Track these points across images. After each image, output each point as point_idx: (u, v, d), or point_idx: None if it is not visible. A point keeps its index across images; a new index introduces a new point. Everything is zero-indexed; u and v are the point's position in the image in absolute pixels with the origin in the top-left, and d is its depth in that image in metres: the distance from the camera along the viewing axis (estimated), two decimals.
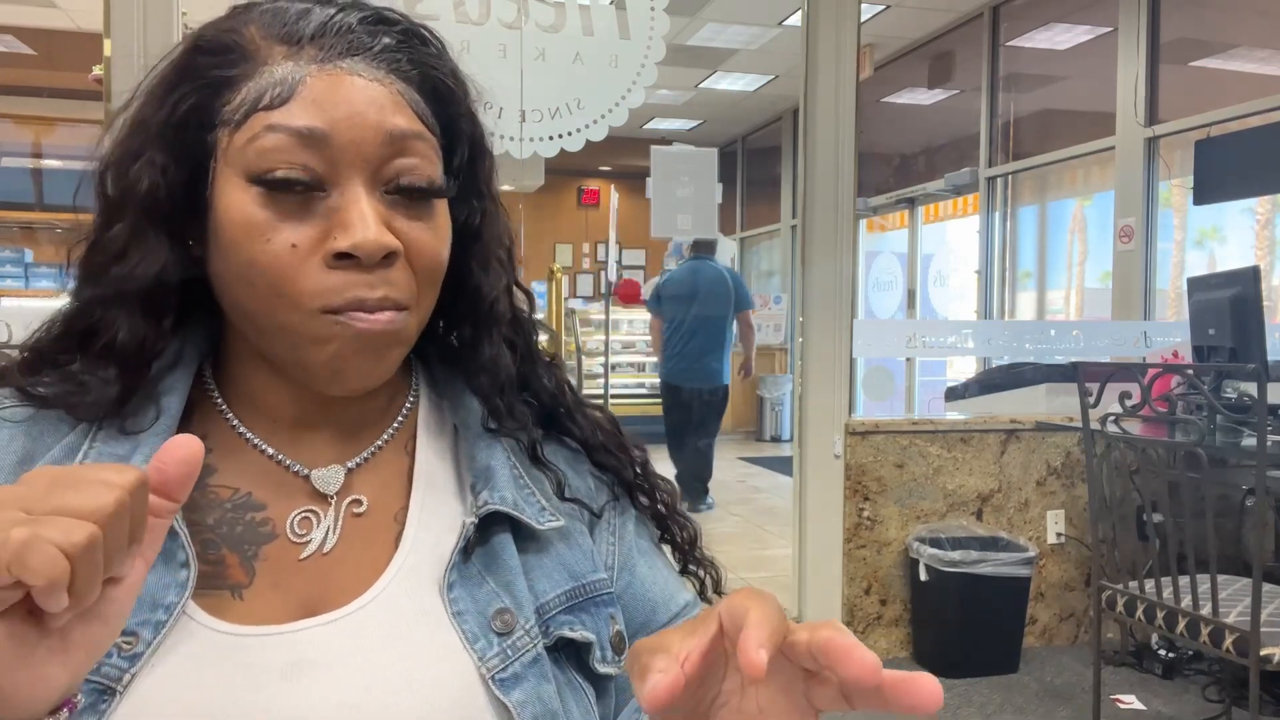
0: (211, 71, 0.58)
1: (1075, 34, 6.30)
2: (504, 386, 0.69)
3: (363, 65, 0.58)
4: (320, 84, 0.57)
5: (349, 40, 0.58)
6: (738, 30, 7.36)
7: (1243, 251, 5.47)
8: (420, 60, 0.61)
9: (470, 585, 0.63)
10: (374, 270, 0.57)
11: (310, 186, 0.57)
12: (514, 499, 0.65)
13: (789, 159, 9.54)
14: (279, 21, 0.59)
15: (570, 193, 11.39)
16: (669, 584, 0.73)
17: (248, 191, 0.57)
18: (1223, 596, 2.29)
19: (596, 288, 11.10)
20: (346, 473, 0.65)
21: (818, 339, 3.51)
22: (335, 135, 0.56)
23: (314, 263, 0.57)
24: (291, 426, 0.65)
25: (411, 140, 0.59)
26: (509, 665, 0.60)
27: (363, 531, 0.64)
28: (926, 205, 7.94)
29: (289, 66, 0.57)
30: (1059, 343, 3.97)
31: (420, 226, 0.60)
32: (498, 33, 2.96)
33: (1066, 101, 6.83)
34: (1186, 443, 2.46)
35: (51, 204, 5.69)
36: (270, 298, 0.58)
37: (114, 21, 2.76)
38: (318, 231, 0.57)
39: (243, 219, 0.57)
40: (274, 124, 0.56)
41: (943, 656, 3.35)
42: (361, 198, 0.57)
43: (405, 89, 0.60)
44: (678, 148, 3.66)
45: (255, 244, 0.57)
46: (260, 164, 0.56)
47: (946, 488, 3.54)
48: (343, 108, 0.57)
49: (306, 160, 0.56)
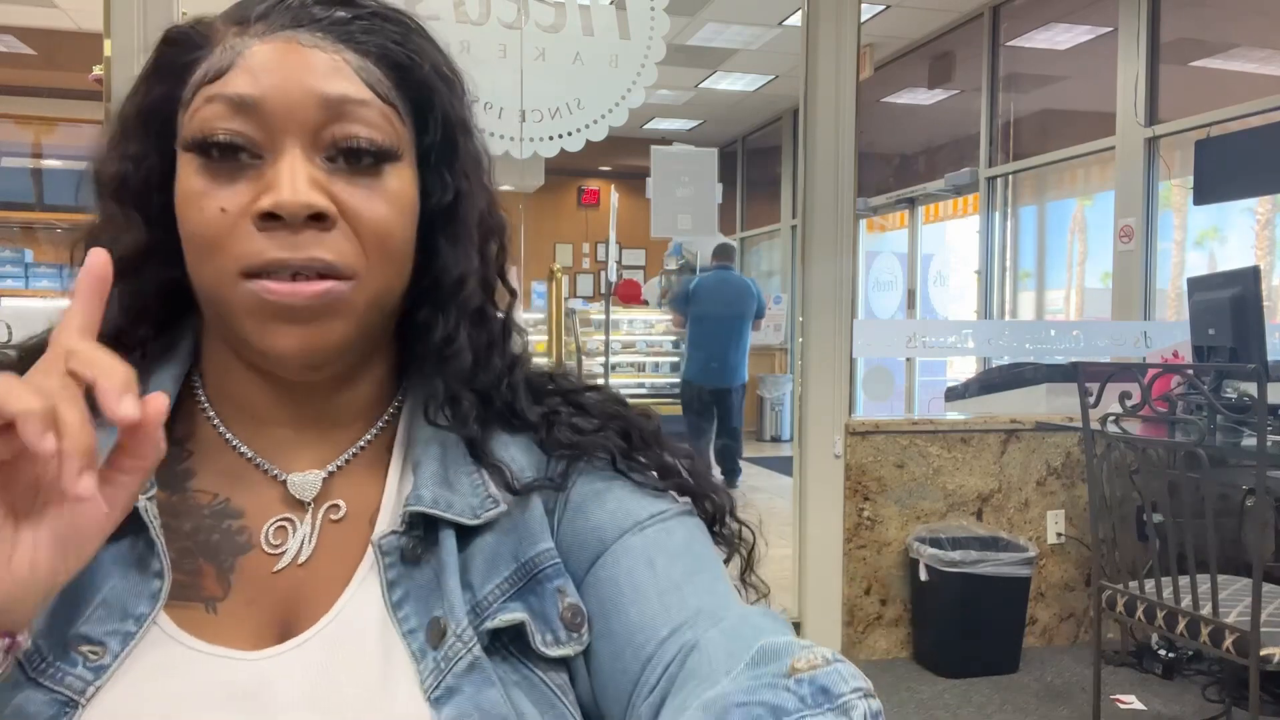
0: (176, 60, 0.60)
1: (1075, 34, 6.30)
2: (455, 375, 0.64)
3: (305, 34, 0.58)
4: (258, 53, 0.57)
5: (295, 14, 0.58)
6: (738, 30, 7.36)
7: (1243, 251, 5.47)
8: (379, 33, 0.60)
9: (422, 594, 0.60)
10: (301, 231, 0.55)
11: (243, 150, 0.56)
12: (434, 496, 0.61)
13: (789, 159, 9.54)
14: (241, 8, 0.60)
15: (570, 193, 11.39)
16: (629, 502, 0.65)
17: (189, 161, 0.57)
18: (1223, 596, 2.28)
19: (596, 288, 11.10)
20: (325, 478, 0.63)
21: (818, 339, 3.51)
22: (267, 100, 0.56)
23: (243, 226, 0.56)
24: (271, 425, 0.63)
25: (353, 105, 0.57)
26: (441, 680, 0.57)
27: (338, 539, 0.62)
28: (926, 205, 7.94)
29: (234, 42, 0.58)
30: (1059, 343, 3.97)
31: (364, 193, 0.58)
32: (498, 33, 2.96)
33: (1066, 101, 6.83)
34: (1186, 443, 2.46)
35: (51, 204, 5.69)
36: (203, 263, 0.57)
37: (114, 21, 2.77)
38: (249, 195, 0.56)
39: (184, 188, 0.57)
40: (211, 94, 0.56)
41: (943, 656, 3.35)
42: (295, 158, 0.56)
43: (355, 58, 0.58)
44: (678, 148, 3.66)
45: (192, 211, 0.57)
46: (199, 132, 0.56)
47: (946, 488, 3.54)
48: (277, 74, 0.56)
49: (240, 127, 0.56)
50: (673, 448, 0.69)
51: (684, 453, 0.69)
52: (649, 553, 0.62)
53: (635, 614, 0.59)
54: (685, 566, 0.61)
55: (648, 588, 0.60)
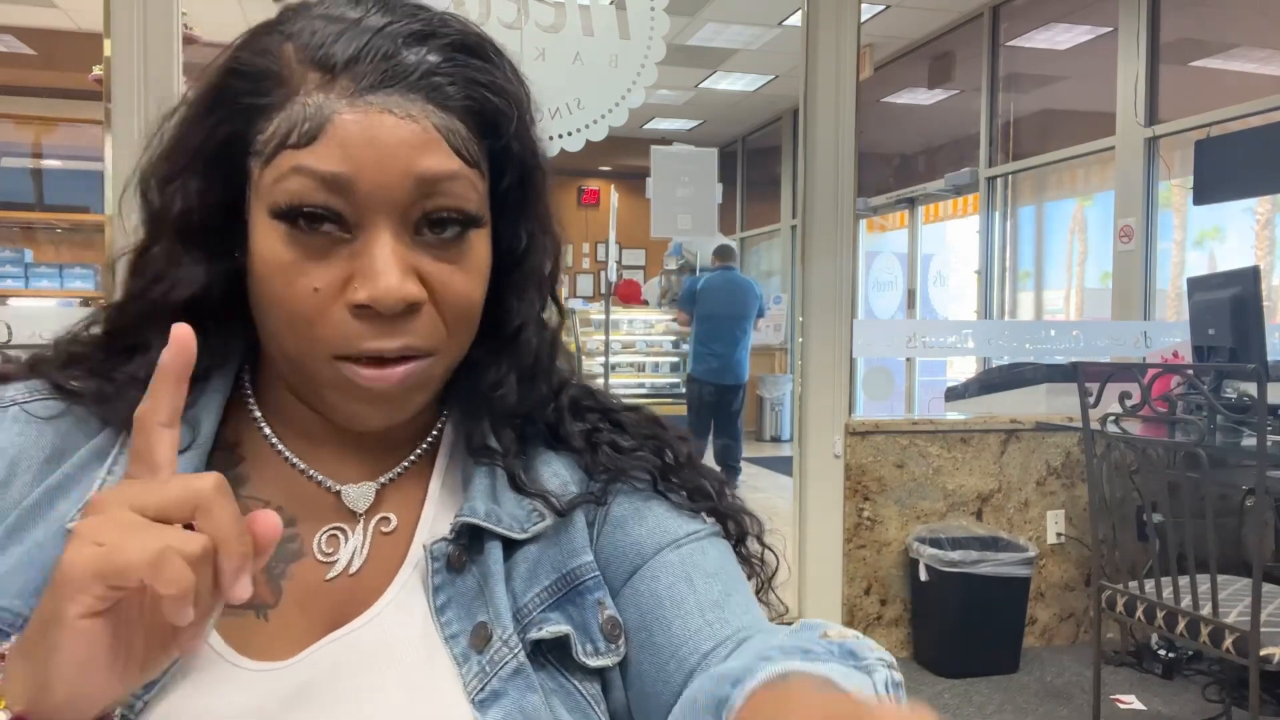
0: (245, 99, 0.56)
1: (1075, 34, 6.30)
2: (501, 412, 0.66)
3: (396, 99, 0.54)
4: (348, 123, 0.54)
5: (384, 69, 0.55)
6: (738, 30, 7.36)
7: (1243, 251, 5.47)
8: (466, 79, 0.57)
9: (465, 601, 0.61)
10: (395, 320, 0.56)
11: (333, 224, 0.55)
12: (486, 510, 0.63)
13: (789, 159, 9.54)
14: (317, 42, 0.56)
15: (570, 193, 11.39)
16: (665, 521, 0.67)
17: (275, 228, 0.55)
18: (1223, 596, 2.28)
19: (596, 288, 11.10)
20: (377, 490, 0.64)
21: (818, 339, 3.51)
22: (361, 180, 0.54)
23: (336, 308, 0.55)
24: (323, 442, 0.64)
25: (444, 181, 0.56)
26: (487, 683, 0.58)
27: (389, 551, 0.63)
28: (926, 205, 7.94)
29: (319, 99, 0.54)
30: (1059, 343, 3.97)
31: (450, 269, 0.57)
32: (498, 33, 2.93)
33: (1066, 101, 6.83)
34: (1186, 443, 2.46)
35: (51, 204, 5.69)
36: (290, 335, 0.57)
37: (114, 21, 2.76)
38: (341, 276, 0.55)
39: (270, 255, 0.56)
40: (299, 165, 0.54)
41: (943, 656, 3.35)
42: (386, 244, 0.55)
43: (444, 119, 0.56)
44: (678, 148, 3.66)
45: (279, 282, 0.56)
46: (284, 202, 0.55)
47: (946, 488, 3.54)
48: (369, 151, 0.54)
49: (331, 202, 0.54)
50: (705, 470, 0.71)
51: (716, 476, 0.71)
52: (687, 569, 0.64)
53: (679, 628, 0.61)
54: (723, 586, 0.63)
55: (689, 603, 0.62)
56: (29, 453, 0.59)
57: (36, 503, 0.57)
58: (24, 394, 0.61)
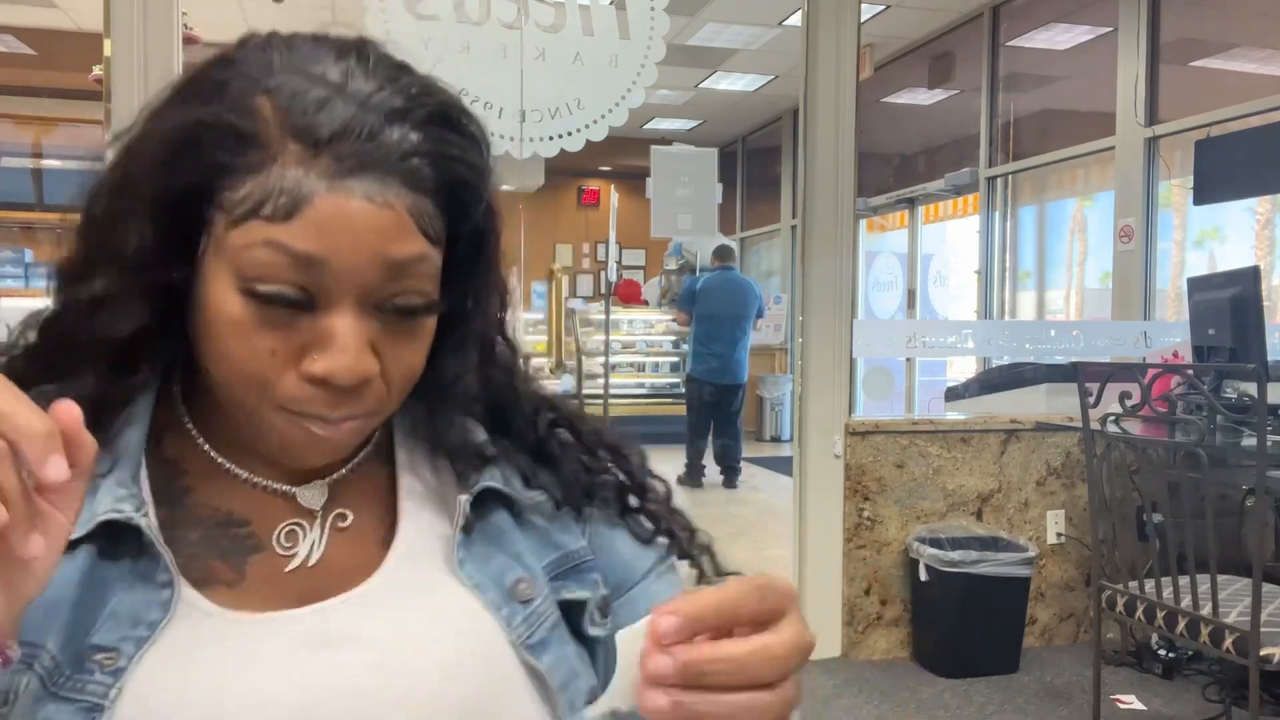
0: (217, 153, 0.56)
1: (1075, 34, 6.30)
2: (461, 448, 0.69)
3: (375, 186, 0.55)
4: (327, 205, 0.54)
5: (365, 150, 0.55)
6: (738, 30, 7.36)
7: (1243, 251, 5.47)
8: (441, 156, 0.58)
9: (478, 561, 0.65)
10: (346, 392, 0.58)
11: (299, 305, 0.56)
12: (500, 476, 0.68)
13: (789, 159, 9.54)
14: (299, 107, 0.55)
15: (570, 193, 11.39)
16: (640, 542, 0.74)
17: (236, 293, 0.56)
18: (1223, 596, 2.28)
19: (596, 288, 11.10)
20: (329, 487, 0.66)
21: (818, 339, 3.51)
22: (333, 261, 0.55)
23: (290, 373, 0.57)
24: (249, 447, 0.64)
25: (411, 264, 0.57)
26: (534, 631, 0.63)
27: (349, 542, 0.65)
28: (926, 205, 7.94)
29: (298, 175, 0.54)
30: (1059, 343, 3.97)
31: (403, 343, 0.59)
32: (498, 33, 2.96)
33: (1066, 101, 6.83)
34: (1186, 443, 2.46)
35: (51, 204, 5.70)
36: (237, 386, 0.58)
37: (114, 21, 2.76)
38: (299, 344, 0.57)
39: (226, 315, 0.56)
40: (272, 239, 0.54)
41: (943, 656, 3.35)
42: (348, 320, 0.56)
43: (415, 200, 0.57)
44: (678, 148, 3.66)
45: (234, 340, 0.56)
46: (253, 273, 0.55)
47: (946, 488, 3.54)
48: (345, 236, 0.55)
49: (301, 280, 0.55)
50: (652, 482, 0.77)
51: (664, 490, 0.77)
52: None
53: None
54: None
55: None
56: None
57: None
58: None
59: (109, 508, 0.57)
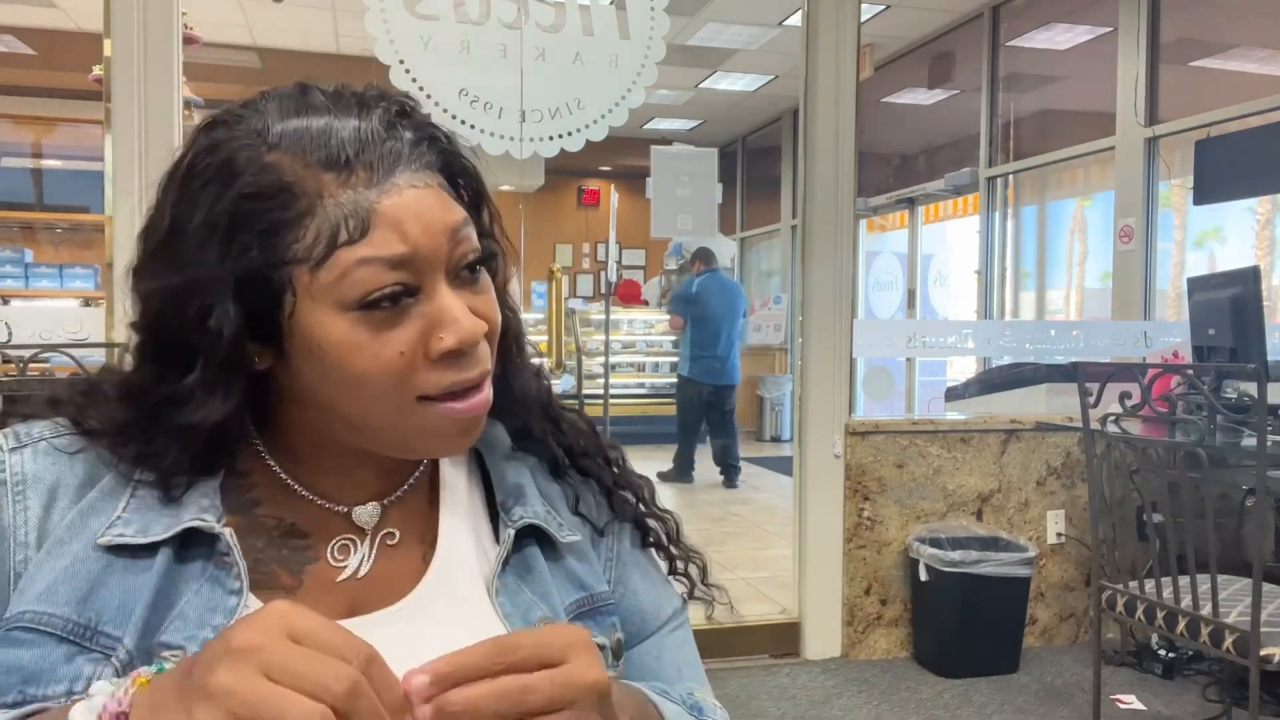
0: (268, 216, 0.60)
1: (1075, 34, 6.30)
2: (531, 410, 0.76)
3: (408, 175, 0.62)
4: (389, 208, 0.60)
5: (384, 152, 0.61)
6: (738, 30, 7.35)
7: (1243, 251, 5.47)
8: (429, 139, 0.65)
9: (509, 593, 0.69)
10: (469, 355, 0.63)
11: (408, 296, 0.61)
12: (543, 514, 0.72)
13: (789, 159, 9.54)
14: (311, 146, 0.61)
15: (570, 193, 11.39)
16: (659, 594, 0.79)
17: (344, 317, 0.60)
18: (1223, 596, 2.28)
19: (596, 288, 11.10)
20: (383, 508, 0.71)
21: (818, 339, 3.51)
22: (418, 249, 0.61)
23: (421, 361, 0.62)
24: (331, 473, 0.70)
25: (464, 228, 0.64)
26: None
27: (394, 558, 0.70)
28: (926, 205, 7.94)
29: (349, 196, 0.60)
30: (1059, 343, 3.97)
31: (482, 299, 0.66)
32: (498, 33, 2.96)
33: (1066, 101, 6.83)
34: (1186, 443, 2.46)
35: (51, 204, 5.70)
36: (375, 400, 0.62)
37: (114, 21, 2.76)
38: (418, 333, 0.62)
39: (346, 342, 0.61)
40: (363, 258, 0.59)
41: (943, 656, 3.35)
42: (448, 294, 0.62)
43: (437, 178, 0.64)
44: (678, 148, 3.66)
45: (362, 360, 0.61)
46: (359, 293, 0.60)
47: (946, 488, 3.54)
48: (416, 225, 0.61)
49: (398, 278, 0.60)
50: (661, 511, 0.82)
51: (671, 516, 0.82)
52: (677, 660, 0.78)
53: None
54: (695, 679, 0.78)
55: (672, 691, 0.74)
56: (65, 480, 0.65)
57: (72, 522, 0.63)
58: (50, 431, 0.67)
59: (194, 516, 0.63)
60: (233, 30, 6.83)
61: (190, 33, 3.40)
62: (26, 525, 0.63)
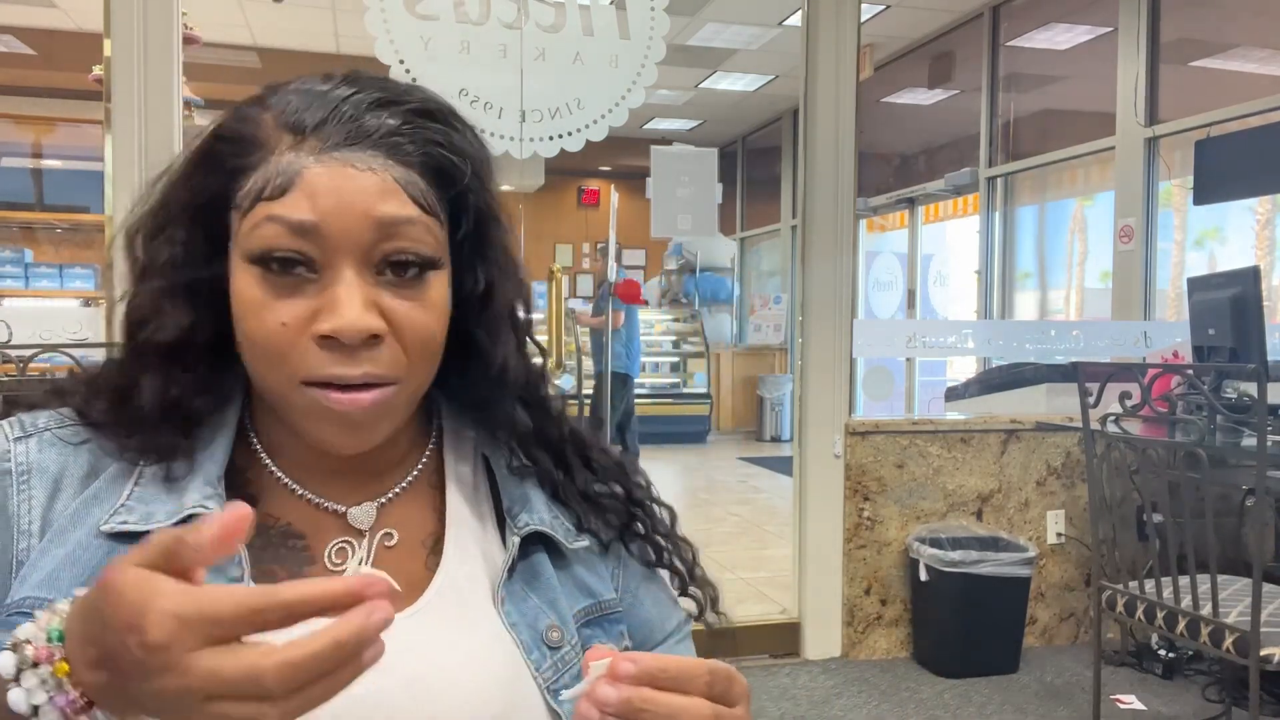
0: (229, 160, 0.63)
1: (1075, 34, 6.30)
2: (523, 439, 0.75)
3: (359, 155, 0.61)
4: (315, 176, 0.60)
5: (348, 129, 0.62)
6: (738, 30, 7.35)
7: (1243, 251, 5.47)
8: (423, 139, 0.64)
9: (516, 600, 0.69)
10: (357, 350, 0.61)
11: (302, 266, 0.61)
12: (549, 521, 0.72)
13: (789, 159, 9.54)
14: (291, 109, 0.63)
15: (570, 193, 11.39)
16: (664, 606, 0.79)
17: (250, 271, 0.61)
18: (1223, 596, 2.28)
19: (596, 288, 11.09)
20: (378, 509, 0.71)
21: (818, 339, 3.51)
22: (325, 225, 0.60)
23: (302, 341, 0.61)
24: (324, 472, 0.69)
25: (402, 225, 0.62)
26: (560, 677, 0.67)
27: (394, 561, 0.69)
28: (926, 205, 7.94)
29: (290, 158, 0.61)
30: (1059, 343, 3.97)
31: (409, 305, 0.63)
32: (498, 33, 2.96)
33: (1066, 101, 6.82)
34: (1186, 443, 2.46)
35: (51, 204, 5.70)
36: (263, 368, 0.63)
37: (114, 21, 2.76)
38: (307, 311, 0.61)
39: (245, 295, 0.62)
40: (272, 215, 0.60)
41: (943, 656, 3.35)
42: (349, 281, 0.61)
43: (402, 173, 0.62)
44: (678, 148, 3.66)
45: (251, 320, 0.62)
46: (256, 246, 0.61)
47: (946, 488, 3.54)
48: (333, 199, 0.60)
49: (300, 247, 0.60)
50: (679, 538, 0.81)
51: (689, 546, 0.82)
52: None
53: None
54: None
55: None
56: (70, 471, 0.66)
57: (75, 511, 0.64)
58: (54, 421, 0.68)
59: (197, 503, 0.64)
60: (233, 30, 6.83)
61: (190, 33, 3.40)
62: (30, 515, 0.64)
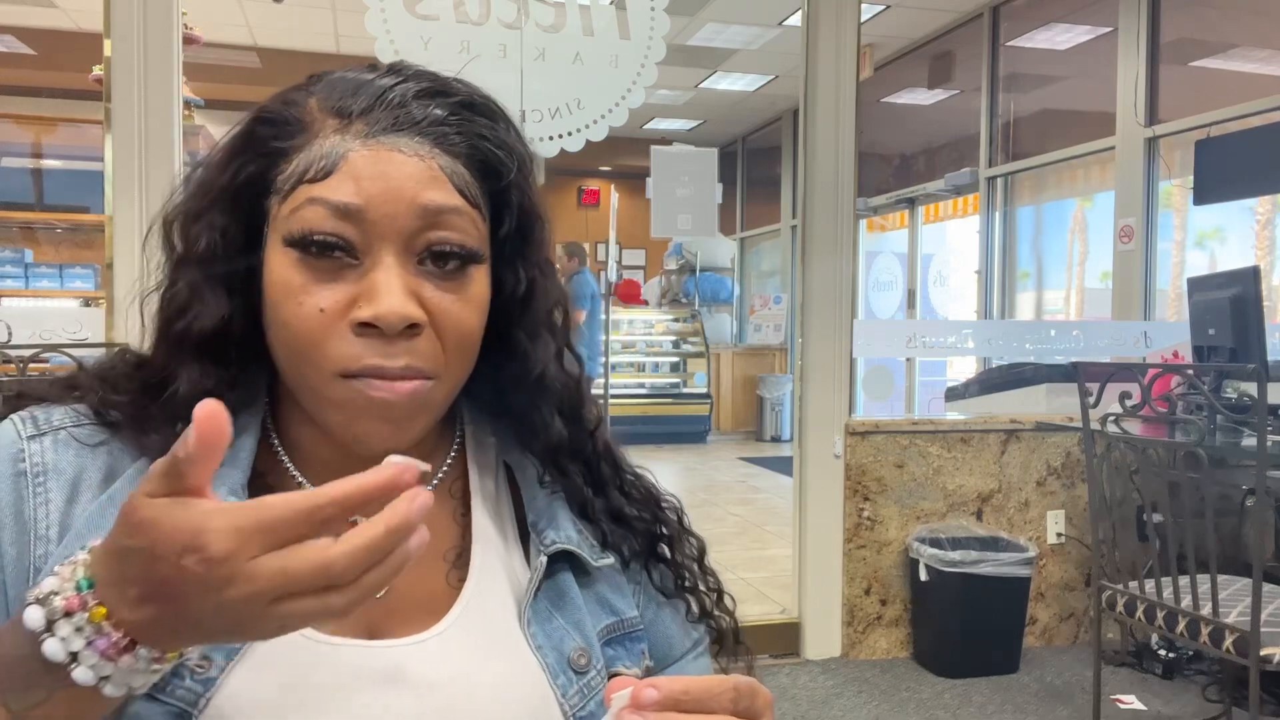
0: (270, 143, 0.62)
1: (1075, 34, 6.30)
2: (555, 450, 0.72)
3: (405, 140, 0.60)
4: (361, 160, 0.59)
5: (396, 115, 0.61)
6: (738, 30, 7.35)
7: (1243, 251, 5.47)
8: (470, 132, 0.63)
9: (541, 621, 0.68)
10: (396, 340, 0.59)
11: (342, 250, 0.59)
12: (576, 539, 0.70)
13: (789, 159, 9.54)
14: (336, 94, 0.62)
15: (570, 193, 11.39)
16: (683, 623, 0.78)
17: (288, 255, 0.60)
18: (1223, 596, 2.28)
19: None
20: None
21: (818, 339, 3.51)
22: (369, 209, 0.59)
23: (340, 328, 0.59)
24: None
25: (446, 214, 0.61)
26: (586, 703, 0.66)
27: (415, 574, 0.67)
28: (926, 205, 7.94)
29: (335, 140, 0.60)
30: (1059, 343, 3.97)
31: (450, 298, 0.62)
32: (498, 33, 2.96)
33: (1066, 101, 6.82)
34: (1186, 443, 2.46)
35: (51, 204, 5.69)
36: (298, 358, 0.61)
37: (114, 21, 2.76)
38: (346, 298, 0.59)
39: (281, 279, 0.60)
40: (315, 197, 0.59)
41: (943, 656, 3.35)
42: (390, 268, 0.59)
43: (448, 163, 0.61)
44: (678, 148, 3.66)
45: (288, 305, 0.60)
46: (297, 228, 0.59)
47: (946, 488, 3.54)
48: (379, 183, 0.59)
49: (342, 230, 0.59)
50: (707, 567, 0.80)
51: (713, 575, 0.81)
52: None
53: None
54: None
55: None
56: (88, 474, 0.64)
57: (93, 515, 0.62)
58: (71, 420, 0.65)
59: None
60: (233, 30, 6.84)
61: (190, 33, 3.40)
62: (48, 519, 0.61)
